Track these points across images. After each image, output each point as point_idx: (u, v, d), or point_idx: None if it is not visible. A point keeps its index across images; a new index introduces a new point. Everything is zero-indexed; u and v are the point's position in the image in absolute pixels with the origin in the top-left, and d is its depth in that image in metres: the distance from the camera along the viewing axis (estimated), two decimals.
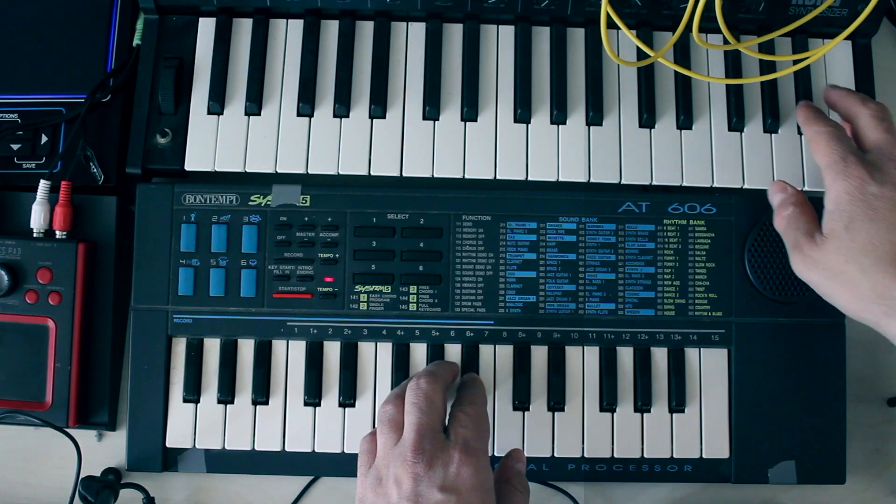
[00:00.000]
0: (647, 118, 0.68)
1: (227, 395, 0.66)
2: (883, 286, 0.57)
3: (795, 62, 0.65)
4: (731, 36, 0.66)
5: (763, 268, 0.67)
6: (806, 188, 0.67)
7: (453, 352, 0.66)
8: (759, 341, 0.66)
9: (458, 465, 0.55)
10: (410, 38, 0.70)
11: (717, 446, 0.66)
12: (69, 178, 0.66)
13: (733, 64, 0.69)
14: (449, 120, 0.68)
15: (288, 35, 0.70)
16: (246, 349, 0.66)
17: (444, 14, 0.70)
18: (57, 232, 0.65)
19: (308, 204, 0.67)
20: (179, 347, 0.66)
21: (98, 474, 0.67)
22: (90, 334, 0.67)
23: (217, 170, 0.67)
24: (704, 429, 0.66)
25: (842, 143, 0.62)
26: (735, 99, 0.68)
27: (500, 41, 0.70)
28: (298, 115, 0.68)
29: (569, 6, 0.69)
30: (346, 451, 0.65)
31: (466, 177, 0.67)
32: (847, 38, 0.69)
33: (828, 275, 0.60)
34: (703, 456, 0.66)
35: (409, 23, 0.70)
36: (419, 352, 0.66)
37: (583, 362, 0.66)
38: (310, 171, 0.67)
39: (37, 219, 0.65)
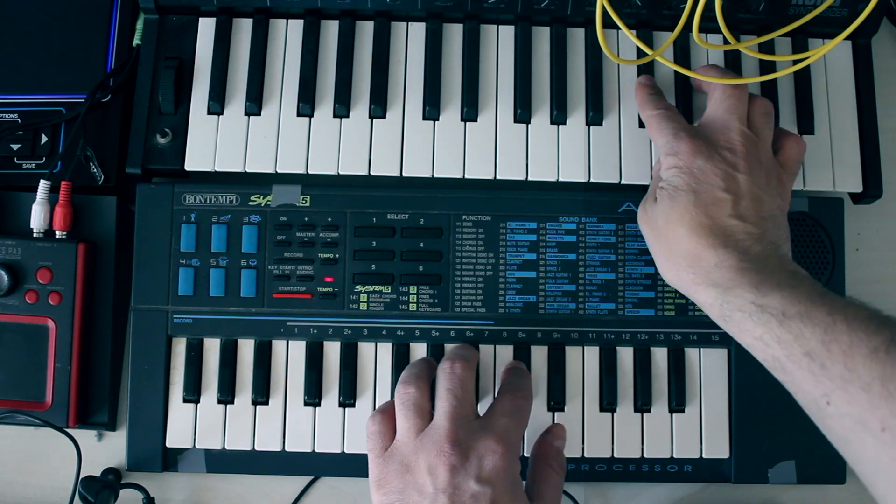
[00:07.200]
0: None
1: (227, 395, 0.65)
2: (694, 255, 0.59)
3: (795, 62, 0.65)
4: (731, 36, 0.66)
5: None
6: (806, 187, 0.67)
7: None
8: None
9: (493, 457, 0.55)
10: (410, 38, 0.70)
11: (717, 446, 0.66)
12: (69, 178, 0.66)
13: (733, 64, 0.69)
14: (449, 120, 0.68)
15: (288, 35, 0.70)
16: (246, 349, 0.66)
17: (444, 14, 0.70)
18: (57, 232, 0.65)
19: (308, 204, 0.67)
20: (179, 347, 0.66)
21: (98, 474, 0.67)
22: (90, 334, 0.67)
23: (217, 170, 0.67)
24: (704, 429, 0.66)
25: (673, 121, 0.63)
26: None
27: (500, 41, 0.70)
28: (298, 115, 0.68)
29: (569, 6, 0.69)
30: (346, 451, 0.65)
31: (466, 177, 0.67)
32: (847, 38, 0.69)
33: (656, 234, 0.61)
34: (703, 456, 0.66)
35: (409, 23, 0.70)
36: (419, 352, 0.66)
37: (583, 362, 0.66)
38: (310, 171, 0.67)
39: (37, 219, 0.65)
